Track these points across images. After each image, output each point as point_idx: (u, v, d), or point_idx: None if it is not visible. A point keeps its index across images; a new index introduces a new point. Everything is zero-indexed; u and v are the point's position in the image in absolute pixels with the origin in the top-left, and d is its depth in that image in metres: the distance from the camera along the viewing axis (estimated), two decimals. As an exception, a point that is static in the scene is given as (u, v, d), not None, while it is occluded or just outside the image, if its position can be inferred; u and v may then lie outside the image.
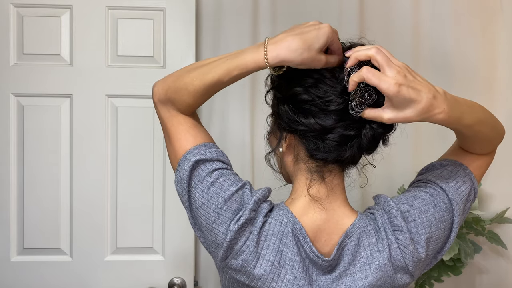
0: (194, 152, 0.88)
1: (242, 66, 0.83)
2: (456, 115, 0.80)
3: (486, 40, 1.75)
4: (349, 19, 1.72)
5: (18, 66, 1.63)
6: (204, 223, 0.86)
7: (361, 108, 0.80)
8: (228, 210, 0.84)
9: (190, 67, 0.90)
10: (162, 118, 0.93)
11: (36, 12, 1.63)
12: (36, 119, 1.63)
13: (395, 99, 0.75)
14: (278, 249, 0.84)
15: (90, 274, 1.64)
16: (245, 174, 1.71)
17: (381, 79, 0.74)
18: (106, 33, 1.64)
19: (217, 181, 0.86)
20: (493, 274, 1.78)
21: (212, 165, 0.88)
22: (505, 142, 1.72)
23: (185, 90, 0.88)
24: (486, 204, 1.76)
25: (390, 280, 0.85)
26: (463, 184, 0.92)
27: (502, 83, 1.76)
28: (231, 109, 1.72)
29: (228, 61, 0.84)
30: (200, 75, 0.86)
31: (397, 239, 0.85)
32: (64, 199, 1.64)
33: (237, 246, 0.84)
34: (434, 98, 0.76)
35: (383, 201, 0.90)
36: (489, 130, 0.90)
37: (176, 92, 0.89)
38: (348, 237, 0.86)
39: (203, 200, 0.86)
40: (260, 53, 0.81)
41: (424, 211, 0.88)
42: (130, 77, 1.64)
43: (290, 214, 0.87)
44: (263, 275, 0.84)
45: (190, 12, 1.65)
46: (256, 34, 1.71)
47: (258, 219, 0.85)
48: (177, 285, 1.64)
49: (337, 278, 0.86)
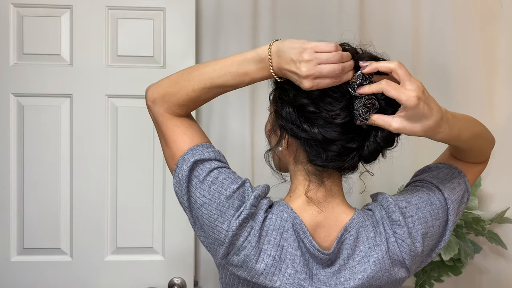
0: (192, 153, 0.89)
1: (246, 78, 0.86)
2: (455, 133, 0.85)
3: (485, 41, 1.75)
4: (349, 19, 1.72)
5: (18, 66, 1.63)
6: (206, 221, 0.87)
7: (367, 115, 0.82)
8: (230, 207, 0.86)
9: (189, 73, 0.91)
10: (157, 121, 0.95)
11: (36, 12, 1.63)
12: (36, 119, 1.63)
13: (411, 111, 0.78)
14: (279, 244, 0.86)
15: (90, 274, 1.64)
16: (245, 174, 1.71)
17: (401, 92, 0.78)
18: (106, 33, 1.64)
19: (217, 179, 0.88)
20: (493, 274, 1.78)
21: (211, 164, 0.89)
22: (505, 143, 1.74)
23: (186, 95, 0.90)
24: (486, 204, 1.76)
25: (388, 273, 0.87)
26: (458, 186, 0.96)
27: (502, 84, 1.75)
28: (231, 108, 1.72)
29: (232, 72, 0.86)
30: (202, 83, 0.89)
31: (395, 233, 0.87)
32: (64, 199, 1.64)
33: (239, 241, 0.85)
34: (442, 119, 0.81)
35: (381, 198, 0.92)
36: (482, 143, 0.96)
37: (175, 96, 0.91)
38: (347, 231, 0.88)
39: (204, 199, 0.87)
40: (266, 64, 0.85)
41: (421, 208, 0.90)
42: (130, 77, 1.64)
43: (290, 209, 0.89)
44: (264, 270, 0.85)
45: (190, 12, 1.65)
46: (256, 34, 1.71)
47: (259, 214, 0.86)
48: (177, 285, 1.65)
49: (336, 272, 0.87)
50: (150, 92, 0.94)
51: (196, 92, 0.90)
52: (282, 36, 1.00)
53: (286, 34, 0.94)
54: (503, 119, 1.75)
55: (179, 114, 0.93)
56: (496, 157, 1.79)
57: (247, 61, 0.86)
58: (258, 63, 0.85)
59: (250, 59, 0.86)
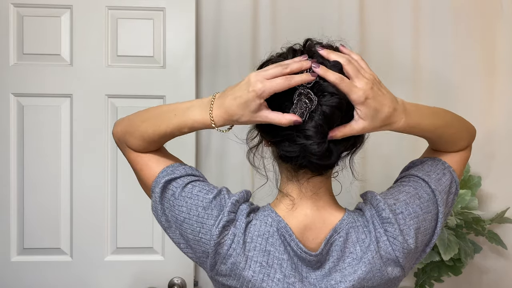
0: (162, 175, 0.91)
1: (190, 125, 0.87)
2: (414, 122, 0.85)
3: (485, 41, 1.75)
4: (349, 19, 1.72)
5: (18, 66, 1.63)
6: (190, 236, 0.88)
7: (305, 116, 0.80)
8: (209, 217, 0.86)
9: (142, 116, 0.93)
10: (124, 155, 0.98)
11: (36, 12, 1.63)
12: (36, 119, 1.63)
13: (362, 109, 0.79)
14: (265, 249, 0.86)
15: (90, 274, 1.64)
16: (245, 174, 1.71)
17: (352, 90, 0.78)
18: (106, 33, 1.64)
19: (192, 193, 0.89)
20: (493, 274, 1.78)
21: (183, 180, 0.90)
22: (505, 143, 1.74)
23: (140, 137, 0.92)
24: (486, 204, 1.76)
25: (380, 273, 0.86)
26: (443, 176, 0.95)
27: (502, 84, 1.75)
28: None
29: (177, 117, 0.87)
30: (153, 126, 0.90)
31: (386, 231, 0.86)
32: (64, 199, 1.64)
33: (223, 250, 0.85)
34: (394, 110, 0.82)
35: (370, 196, 0.92)
36: (454, 131, 0.95)
37: (131, 136, 0.93)
38: (337, 232, 0.87)
39: (184, 215, 0.88)
40: (207, 115, 0.84)
41: (410, 203, 0.89)
42: (130, 77, 1.64)
43: (274, 213, 0.88)
44: (253, 277, 0.85)
45: (190, 12, 1.65)
46: (256, 34, 1.71)
47: (240, 220, 0.86)
48: (177, 285, 1.65)
49: (327, 274, 0.87)
50: (115, 130, 0.98)
51: (149, 134, 0.91)
52: (282, 35, 1.00)
53: (286, 34, 0.94)
54: (503, 119, 1.75)
55: (142, 151, 0.94)
56: (496, 157, 1.80)
57: (192, 107, 0.87)
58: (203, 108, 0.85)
59: (196, 105, 0.87)
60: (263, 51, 1.45)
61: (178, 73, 1.65)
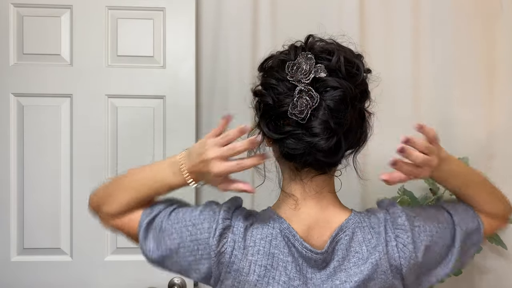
0: (142, 219, 0.91)
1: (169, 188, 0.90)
2: (443, 176, 0.90)
3: (486, 41, 1.75)
4: (349, 19, 1.71)
5: (18, 66, 1.63)
6: (191, 258, 0.87)
7: (306, 114, 0.80)
8: (202, 231, 0.86)
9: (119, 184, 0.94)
10: (108, 227, 0.99)
11: (36, 12, 1.63)
12: (36, 119, 1.63)
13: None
14: (269, 252, 0.85)
15: (90, 274, 1.64)
16: (245, 174, 1.70)
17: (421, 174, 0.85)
18: (106, 33, 1.64)
19: (178, 217, 0.89)
20: (493, 274, 1.78)
21: (165, 213, 0.91)
22: (506, 143, 1.74)
23: (119, 203, 0.92)
24: (486, 204, 1.76)
25: (385, 275, 0.85)
26: (471, 221, 0.94)
27: (502, 84, 1.75)
28: (231, 108, 1.72)
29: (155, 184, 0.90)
30: (131, 193, 0.91)
31: (397, 237, 0.85)
32: (64, 199, 1.64)
33: (225, 259, 0.84)
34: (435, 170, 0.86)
35: (387, 203, 0.91)
36: (485, 196, 0.95)
37: (109, 204, 0.94)
38: (343, 231, 0.86)
39: (177, 241, 0.87)
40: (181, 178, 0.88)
41: (427, 222, 0.89)
42: (130, 77, 1.64)
43: (276, 215, 0.88)
44: (258, 281, 0.84)
45: (190, 12, 1.65)
46: (256, 34, 1.71)
47: (237, 225, 0.86)
48: (177, 285, 1.65)
49: (331, 274, 0.85)
50: (90, 200, 1.00)
51: (126, 199, 0.92)
52: (282, 35, 1.00)
53: (286, 34, 0.94)
54: (503, 119, 1.75)
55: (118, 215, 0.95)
56: (496, 157, 1.79)
57: (162, 168, 0.89)
58: (172, 168, 0.88)
59: (166, 166, 0.89)
60: (263, 51, 1.44)
61: (178, 73, 1.65)
